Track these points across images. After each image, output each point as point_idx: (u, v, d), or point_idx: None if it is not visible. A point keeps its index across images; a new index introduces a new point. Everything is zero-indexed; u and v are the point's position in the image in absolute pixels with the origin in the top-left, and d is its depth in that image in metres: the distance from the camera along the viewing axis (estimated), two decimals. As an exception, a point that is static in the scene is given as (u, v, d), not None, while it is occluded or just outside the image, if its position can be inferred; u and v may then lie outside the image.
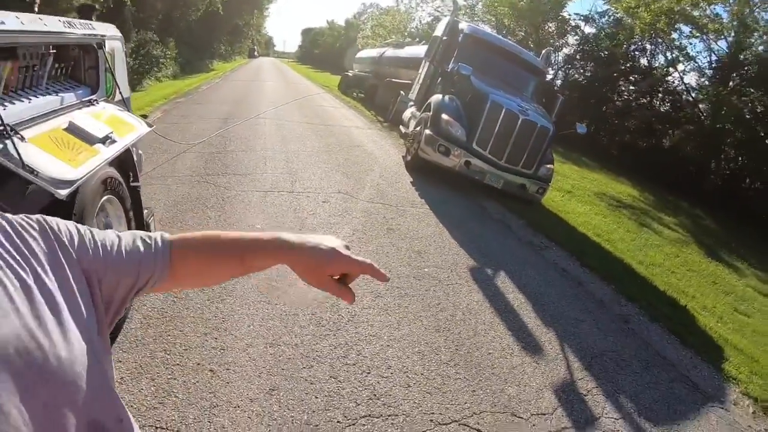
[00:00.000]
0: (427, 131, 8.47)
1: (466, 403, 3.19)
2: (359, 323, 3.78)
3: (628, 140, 22.96)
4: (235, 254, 0.96)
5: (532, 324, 4.48)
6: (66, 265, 0.77)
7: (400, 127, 11.64)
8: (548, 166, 8.63)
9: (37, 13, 2.61)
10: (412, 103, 11.37)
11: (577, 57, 26.32)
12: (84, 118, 2.51)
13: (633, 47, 24.13)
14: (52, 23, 2.30)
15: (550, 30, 26.91)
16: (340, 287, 0.95)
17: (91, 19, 2.98)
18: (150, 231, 3.17)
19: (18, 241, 0.72)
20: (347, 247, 0.95)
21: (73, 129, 2.30)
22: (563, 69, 27.21)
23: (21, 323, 0.64)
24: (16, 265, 0.69)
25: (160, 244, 0.93)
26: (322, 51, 66.76)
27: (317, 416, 2.77)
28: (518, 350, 3.97)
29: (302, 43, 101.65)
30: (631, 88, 24.31)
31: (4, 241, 0.71)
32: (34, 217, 0.79)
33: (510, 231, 7.07)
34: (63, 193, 1.87)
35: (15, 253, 0.70)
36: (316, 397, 2.91)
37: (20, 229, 0.74)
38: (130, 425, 0.82)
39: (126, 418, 0.80)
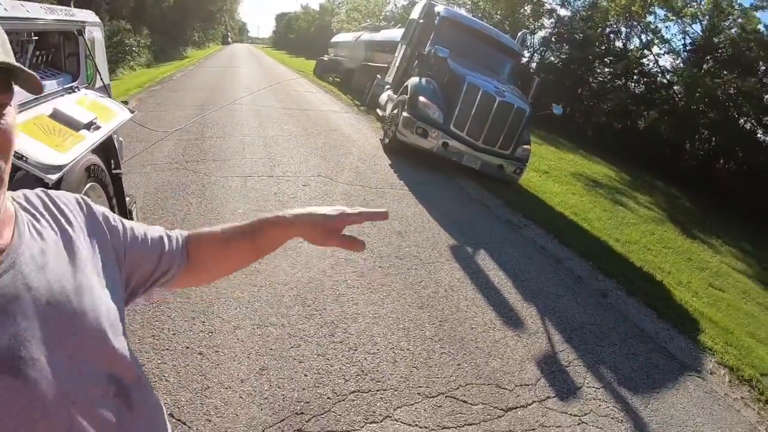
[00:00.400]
0: (405, 114, 8.50)
1: (451, 376, 3.27)
2: (344, 302, 3.84)
3: (604, 121, 23.25)
4: (245, 236, 1.01)
5: (513, 299, 4.58)
6: (98, 236, 0.84)
7: (377, 110, 11.66)
8: (525, 146, 8.73)
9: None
10: (388, 86, 11.37)
11: (553, 39, 26.51)
12: (68, 105, 2.51)
13: (608, 30, 24.34)
14: (34, 9, 2.29)
15: (525, 13, 26.95)
16: (348, 240, 0.99)
17: (71, 6, 2.96)
18: (132, 218, 3.16)
19: (55, 210, 0.80)
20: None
21: (57, 115, 2.30)
22: (539, 51, 27.37)
23: (54, 278, 0.70)
24: (50, 228, 0.75)
25: (180, 240, 1.00)
26: (296, 36, 65.84)
27: (307, 393, 2.83)
28: (500, 325, 4.07)
29: (276, 29, 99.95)
30: (607, 70, 24.55)
31: (42, 209, 0.78)
32: (74, 194, 0.87)
33: (489, 210, 7.17)
34: (53, 178, 1.89)
35: (51, 219, 0.77)
36: (306, 375, 2.97)
37: (57, 201, 0.82)
38: (147, 383, 0.87)
39: (143, 377, 0.85)
